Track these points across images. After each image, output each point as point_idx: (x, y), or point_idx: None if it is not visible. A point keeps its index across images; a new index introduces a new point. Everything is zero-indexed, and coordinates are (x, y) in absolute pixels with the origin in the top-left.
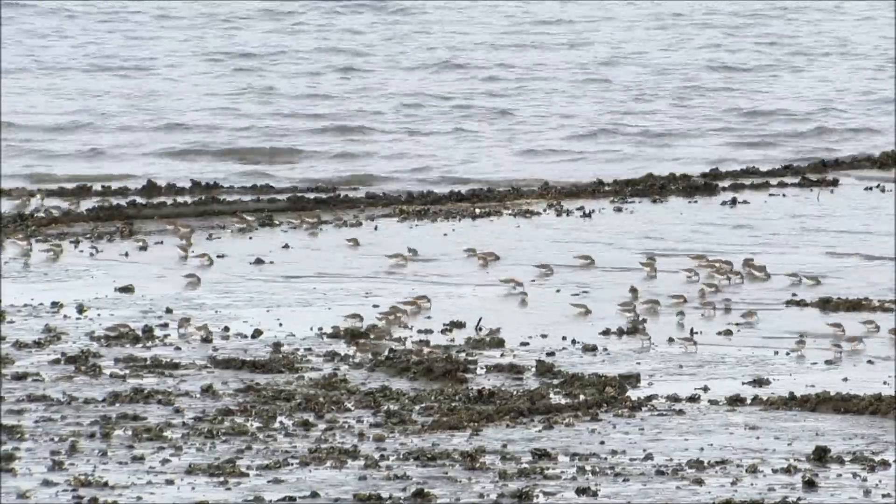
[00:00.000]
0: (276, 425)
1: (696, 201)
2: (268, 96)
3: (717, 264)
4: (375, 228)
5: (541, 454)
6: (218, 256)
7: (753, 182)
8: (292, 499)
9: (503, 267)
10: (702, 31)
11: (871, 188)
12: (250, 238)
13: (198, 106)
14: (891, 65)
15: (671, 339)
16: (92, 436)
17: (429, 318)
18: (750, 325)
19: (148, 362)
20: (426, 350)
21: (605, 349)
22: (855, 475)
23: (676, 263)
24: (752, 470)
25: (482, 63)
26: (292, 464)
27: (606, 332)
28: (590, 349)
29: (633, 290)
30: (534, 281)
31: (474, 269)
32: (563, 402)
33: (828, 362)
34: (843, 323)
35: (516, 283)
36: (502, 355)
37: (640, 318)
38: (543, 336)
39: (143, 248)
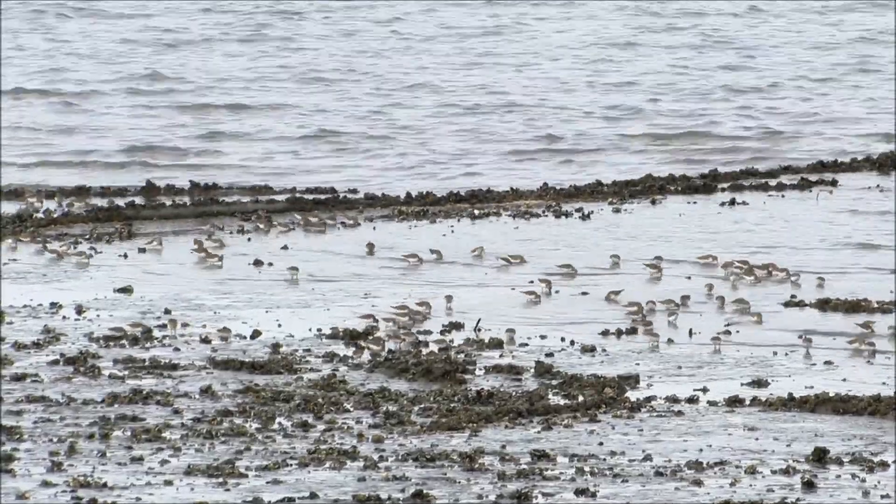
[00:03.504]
0: (275, 426)
1: (695, 202)
2: None
3: (728, 266)
4: (374, 229)
5: (540, 455)
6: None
7: (752, 183)
8: (291, 500)
9: (510, 267)
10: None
11: (869, 188)
12: (249, 239)
13: None
14: None
15: (670, 340)
16: (91, 437)
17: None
18: (757, 324)
19: (147, 363)
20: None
21: (604, 350)
22: (854, 476)
23: (679, 264)
24: (751, 471)
25: None
26: (291, 465)
27: (605, 333)
28: (588, 350)
29: (615, 293)
30: (532, 282)
31: (477, 270)
32: (561, 402)
33: (827, 363)
34: (869, 324)
35: (548, 284)
36: (501, 356)
37: (646, 319)
38: (542, 337)
39: (143, 250)
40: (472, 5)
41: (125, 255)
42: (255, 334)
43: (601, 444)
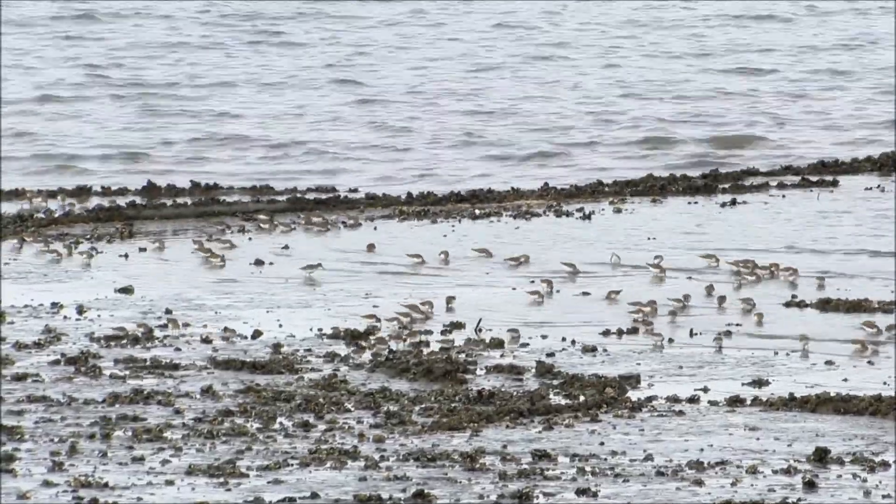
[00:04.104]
0: (276, 426)
1: (696, 202)
2: None
3: (733, 265)
4: (375, 229)
5: (541, 455)
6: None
7: (753, 183)
8: (292, 500)
9: (511, 267)
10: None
11: (870, 188)
12: (250, 239)
13: None
14: None
15: (671, 340)
16: (92, 436)
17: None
18: (759, 325)
19: (148, 363)
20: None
21: (605, 350)
22: (855, 476)
23: (680, 264)
24: (752, 471)
25: None
26: (292, 464)
27: (606, 333)
28: (589, 350)
29: (615, 293)
30: (533, 281)
31: (479, 270)
32: (562, 402)
33: (828, 363)
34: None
35: (549, 284)
36: (502, 356)
37: (647, 319)
38: (543, 337)
39: (144, 250)
40: (461, 6)
41: (126, 255)
42: (256, 334)
43: (602, 443)
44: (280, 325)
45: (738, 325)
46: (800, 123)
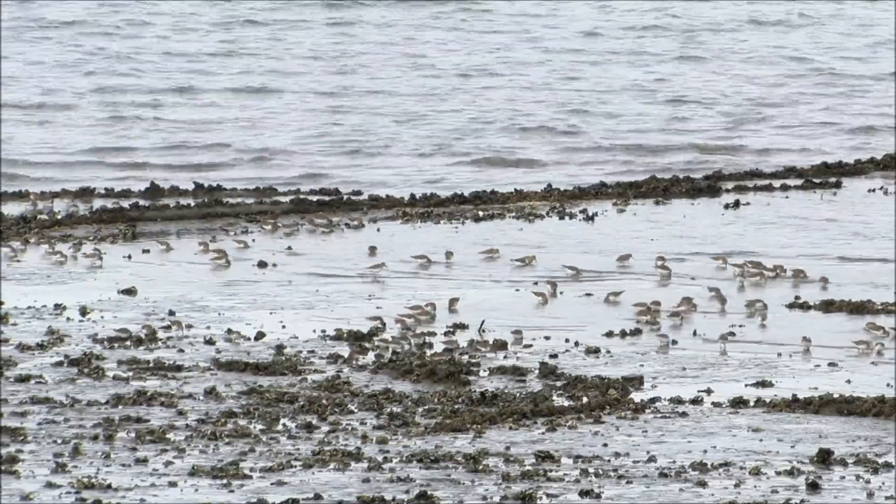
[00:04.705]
0: (280, 427)
1: (699, 203)
2: None
3: (743, 266)
4: (378, 230)
5: (544, 456)
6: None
7: (756, 184)
8: (295, 501)
9: (514, 269)
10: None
11: (873, 190)
12: (253, 240)
13: None
14: None
15: (674, 341)
16: (95, 438)
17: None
18: (763, 326)
19: (151, 364)
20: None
21: (608, 351)
22: (858, 477)
23: (683, 265)
24: (756, 472)
25: None
26: (295, 466)
27: (609, 334)
28: (593, 351)
29: (614, 294)
30: (536, 283)
31: (482, 271)
32: (566, 404)
33: (831, 364)
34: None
35: (553, 286)
36: (505, 357)
37: (653, 319)
38: (546, 338)
39: (147, 251)
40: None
41: (129, 257)
42: (260, 336)
43: (605, 445)
44: (283, 327)
45: (741, 326)
46: (795, 125)
